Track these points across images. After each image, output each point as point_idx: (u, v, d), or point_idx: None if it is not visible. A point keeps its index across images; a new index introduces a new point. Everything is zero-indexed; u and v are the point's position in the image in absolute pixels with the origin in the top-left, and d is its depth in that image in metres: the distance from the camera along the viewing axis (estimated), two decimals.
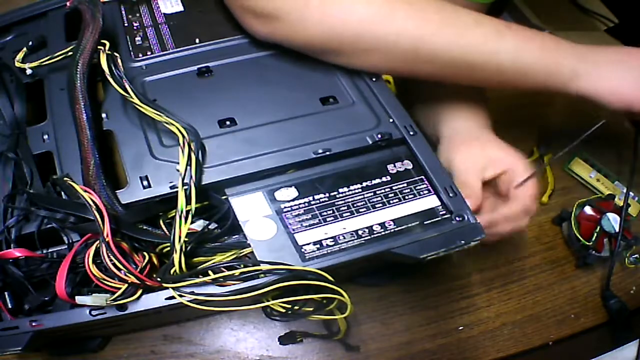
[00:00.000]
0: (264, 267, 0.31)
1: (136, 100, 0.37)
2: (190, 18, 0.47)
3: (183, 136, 0.35)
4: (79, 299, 0.30)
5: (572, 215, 0.52)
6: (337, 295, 0.32)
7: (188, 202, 0.32)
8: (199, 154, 0.36)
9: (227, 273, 0.31)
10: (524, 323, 0.49)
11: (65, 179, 0.33)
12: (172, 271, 0.31)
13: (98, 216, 0.31)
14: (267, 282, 0.30)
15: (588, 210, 0.53)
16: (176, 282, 0.31)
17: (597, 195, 0.54)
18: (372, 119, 0.41)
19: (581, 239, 0.51)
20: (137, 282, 0.30)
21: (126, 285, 0.30)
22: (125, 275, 0.30)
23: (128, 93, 0.37)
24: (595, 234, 0.51)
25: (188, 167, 0.33)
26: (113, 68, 0.38)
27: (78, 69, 0.37)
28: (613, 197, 0.54)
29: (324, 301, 0.33)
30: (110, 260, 0.30)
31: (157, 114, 0.36)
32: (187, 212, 0.32)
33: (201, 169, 0.36)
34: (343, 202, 0.37)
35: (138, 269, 0.31)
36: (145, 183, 0.35)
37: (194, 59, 0.43)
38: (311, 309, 0.33)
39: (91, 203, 0.31)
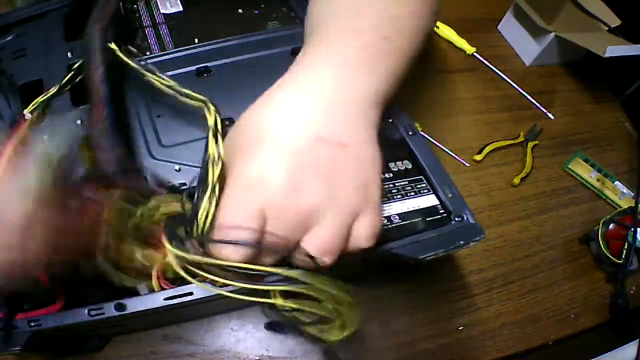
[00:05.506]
0: (285, 272, 0.28)
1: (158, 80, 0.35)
2: (190, 18, 0.48)
3: (206, 104, 0.32)
4: None
5: (600, 234, 0.52)
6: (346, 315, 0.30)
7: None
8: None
9: (251, 266, 0.28)
10: (524, 323, 0.49)
11: None
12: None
13: None
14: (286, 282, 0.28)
15: (613, 227, 0.53)
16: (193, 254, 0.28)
17: (617, 211, 0.54)
18: None
19: (612, 257, 0.51)
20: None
21: None
22: None
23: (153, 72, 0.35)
24: (625, 251, 0.51)
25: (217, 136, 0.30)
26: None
27: (97, 30, 0.36)
28: (634, 210, 0.54)
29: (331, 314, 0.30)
30: None
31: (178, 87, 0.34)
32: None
33: None
34: None
35: None
36: None
37: (193, 59, 0.43)
38: (309, 321, 0.31)
39: None
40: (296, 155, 0.28)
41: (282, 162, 0.28)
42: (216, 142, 0.29)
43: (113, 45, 0.36)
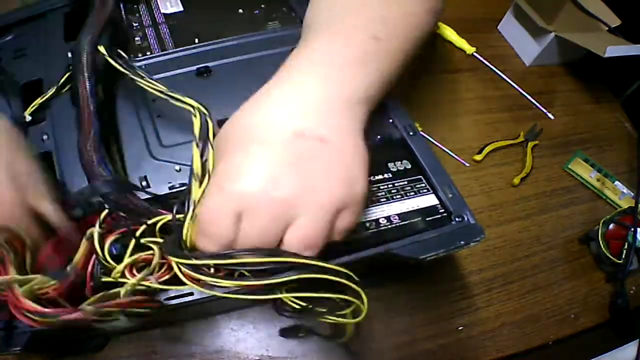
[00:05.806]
0: (290, 259, 0.28)
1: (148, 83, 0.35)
2: (190, 18, 0.48)
3: (194, 107, 0.32)
4: None
5: (600, 234, 0.52)
6: (357, 300, 0.31)
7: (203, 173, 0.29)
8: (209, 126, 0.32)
9: (252, 260, 0.28)
10: (523, 323, 0.49)
11: None
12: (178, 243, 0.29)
13: None
14: (290, 272, 0.28)
15: (613, 227, 0.53)
16: (199, 259, 0.28)
17: (617, 211, 0.55)
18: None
19: (612, 257, 0.51)
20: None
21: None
22: None
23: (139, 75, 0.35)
24: (625, 251, 0.51)
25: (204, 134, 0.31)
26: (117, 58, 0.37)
27: (87, 43, 0.36)
28: (634, 210, 0.54)
29: (341, 303, 0.31)
30: None
31: (169, 92, 0.34)
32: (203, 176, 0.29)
33: None
34: None
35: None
36: (144, 183, 0.35)
37: (193, 59, 0.43)
38: (324, 310, 0.31)
39: None
40: (271, 150, 0.28)
41: (257, 158, 0.28)
42: (201, 155, 0.29)
43: (103, 50, 0.36)
